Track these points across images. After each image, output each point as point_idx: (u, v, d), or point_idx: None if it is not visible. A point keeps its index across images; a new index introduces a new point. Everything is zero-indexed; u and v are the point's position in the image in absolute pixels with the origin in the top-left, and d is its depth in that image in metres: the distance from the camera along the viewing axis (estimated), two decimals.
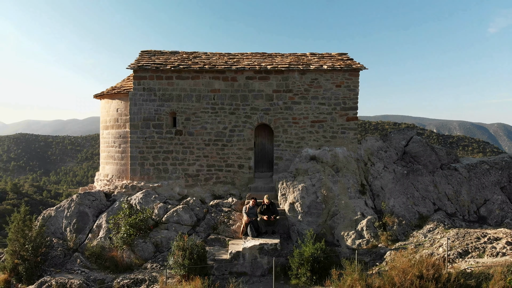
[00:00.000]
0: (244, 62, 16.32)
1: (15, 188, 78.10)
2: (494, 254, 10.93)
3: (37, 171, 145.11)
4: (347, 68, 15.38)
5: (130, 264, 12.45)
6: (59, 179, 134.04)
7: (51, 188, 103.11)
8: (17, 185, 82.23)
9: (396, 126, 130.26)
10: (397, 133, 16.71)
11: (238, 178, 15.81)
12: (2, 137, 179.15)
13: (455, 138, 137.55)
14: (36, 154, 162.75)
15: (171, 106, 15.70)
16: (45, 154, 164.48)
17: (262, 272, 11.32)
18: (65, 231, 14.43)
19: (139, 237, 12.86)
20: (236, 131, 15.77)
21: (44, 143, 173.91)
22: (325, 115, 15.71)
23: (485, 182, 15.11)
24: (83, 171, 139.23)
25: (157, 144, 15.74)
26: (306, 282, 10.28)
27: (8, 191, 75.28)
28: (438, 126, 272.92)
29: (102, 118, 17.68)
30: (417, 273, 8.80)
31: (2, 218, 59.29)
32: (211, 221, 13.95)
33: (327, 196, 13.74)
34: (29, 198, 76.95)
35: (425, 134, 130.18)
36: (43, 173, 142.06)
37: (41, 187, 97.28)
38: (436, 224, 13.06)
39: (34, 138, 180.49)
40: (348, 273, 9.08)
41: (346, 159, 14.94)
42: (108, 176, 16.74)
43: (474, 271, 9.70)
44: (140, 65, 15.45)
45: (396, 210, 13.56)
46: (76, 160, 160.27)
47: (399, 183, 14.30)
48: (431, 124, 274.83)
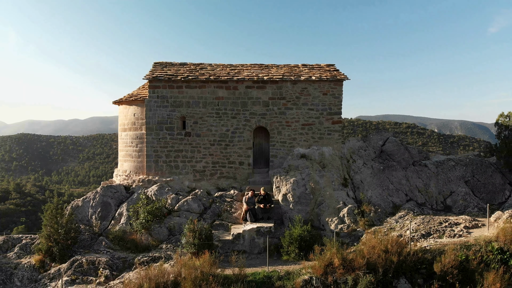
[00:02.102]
0: (244, 73, 17.69)
1: (18, 187, 76.71)
2: (452, 236, 12.35)
3: (39, 171, 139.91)
4: (332, 79, 16.76)
5: (148, 245, 13.83)
6: (61, 179, 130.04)
7: (53, 188, 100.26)
8: (20, 185, 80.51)
9: (397, 126, 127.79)
10: (375, 135, 18.09)
11: (239, 173, 17.18)
12: (4, 137, 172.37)
13: (456, 138, 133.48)
14: (38, 154, 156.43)
15: (181, 111, 17.09)
16: (47, 154, 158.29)
17: (258, 250, 12.71)
18: (91, 218, 15.80)
19: (155, 223, 14.24)
20: (237, 133, 17.15)
21: (46, 143, 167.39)
22: (313, 119, 17.08)
23: (451, 177, 16.49)
24: (84, 171, 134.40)
25: (169, 144, 17.12)
26: (295, 258, 11.66)
27: (11, 191, 73.98)
28: (439, 126, 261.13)
29: (120, 121, 19.05)
30: (383, 248, 10.20)
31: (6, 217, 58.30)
32: (216, 209, 15.33)
33: (314, 188, 15.12)
34: (32, 198, 75.37)
35: (426, 134, 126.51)
36: (45, 173, 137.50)
37: (43, 187, 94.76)
38: (406, 211, 14.46)
39: (36, 138, 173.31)
40: (328, 249, 10.45)
41: (331, 157, 16.32)
42: (126, 172, 18.13)
43: (432, 248, 11.12)
44: (155, 76, 16.84)
45: (373, 200, 14.95)
46: (77, 160, 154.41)
47: (376, 177, 15.70)
48: (432, 124, 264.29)
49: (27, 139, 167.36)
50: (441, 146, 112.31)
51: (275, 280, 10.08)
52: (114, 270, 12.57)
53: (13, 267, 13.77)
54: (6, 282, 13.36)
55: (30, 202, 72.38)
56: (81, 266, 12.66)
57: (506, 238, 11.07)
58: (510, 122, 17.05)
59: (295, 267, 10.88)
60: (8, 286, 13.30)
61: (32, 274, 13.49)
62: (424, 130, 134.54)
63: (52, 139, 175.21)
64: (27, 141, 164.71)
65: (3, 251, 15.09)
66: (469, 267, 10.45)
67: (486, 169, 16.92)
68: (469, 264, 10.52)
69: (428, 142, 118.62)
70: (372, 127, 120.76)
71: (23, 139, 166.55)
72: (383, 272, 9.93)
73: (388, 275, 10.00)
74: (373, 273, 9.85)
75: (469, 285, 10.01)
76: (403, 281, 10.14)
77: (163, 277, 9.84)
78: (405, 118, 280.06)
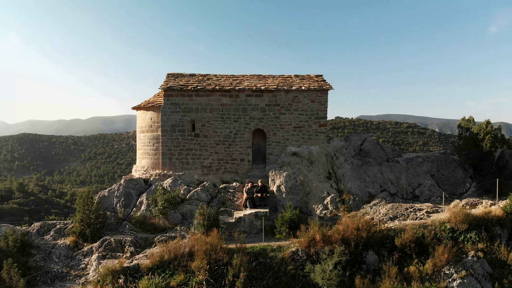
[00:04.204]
0: (245, 83, 19.40)
1: (21, 187, 73.82)
2: (414, 219, 14.06)
3: (41, 171, 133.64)
4: (319, 89, 18.47)
5: (164, 227, 15.55)
6: (63, 179, 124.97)
7: (56, 187, 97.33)
8: (23, 185, 77.48)
9: (397, 125, 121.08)
10: (355, 136, 19.81)
11: (240, 168, 18.90)
12: (6, 137, 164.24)
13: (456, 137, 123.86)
14: (40, 154, 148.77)
15: (191, 116, 18.81)
16: (49, 154, 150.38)
17: (256, 231, 14.45)
18: (115, 206, 17.51)
19: (170, 209, 15.95)
20: (239, 134, 18.86)
21: (48, 143, 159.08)
22: (303, 123, 18.79)
23: (419, 171, 18.23)
24: (86, 171, 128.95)
25: (181, 144, 18.84)
26: (286, 236, 13.37)
27: (14, 190, 71.05)
28: (440, 125, 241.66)
29: (138, 124, 20.77)
30: (355, 227, 11.94)
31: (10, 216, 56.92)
32: (221, 198, 17.05)
33: (303, 181, 16.84)
34: (35, 197, 72.88)
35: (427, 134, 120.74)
36: (47, 173, 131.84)
37: (46, 187, 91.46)
38: (380, 200, 16.18)
39: (38, 138, 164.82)
40: (311, 228, 12.17)
41: (318, 154, 18.04)
42: (144, 167, 19.86)
43: (396, 228, 12.83)
44: (169, 86, 18.56)
45: (352, 190, 16.68)
46: (79, 159, 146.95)
47: (355, 172, 17.43)
48: (434, 123, 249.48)
49: (29, 139, 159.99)
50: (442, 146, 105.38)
51: (269, 252, 11.82)
52: (138, 247, 14.28)
53: (50, 247, 15.36)
54: (46, 259, 14.96)
55: (33, 201, 69.81)
56: (110, 244, 14.31)
57: (456, 220, 12.78)
58: (469, 125, 18.78)
59: (285, 243, 12.59)
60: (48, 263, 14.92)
61: (67, 252, 15.07)
62: (425, 130, 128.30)
63: (54, 139, 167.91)
64: (29, 141, 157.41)
65: (40, 235, 16.70)
66: (424, 242, 12.18)
67: (450, 165, 18.64)
68: (425, 240, 12.25)
69: (429, 141, 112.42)
70: (373, 126, 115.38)
71: (25, 139, 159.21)
72: (354, 245, 11.66)
73: (358, 248, 11.73)
74: (347, 246, 11.58)
75: (423, 256, 11.75)
76: (371, 253, 11.86)
77: (180, 249, 11.58)
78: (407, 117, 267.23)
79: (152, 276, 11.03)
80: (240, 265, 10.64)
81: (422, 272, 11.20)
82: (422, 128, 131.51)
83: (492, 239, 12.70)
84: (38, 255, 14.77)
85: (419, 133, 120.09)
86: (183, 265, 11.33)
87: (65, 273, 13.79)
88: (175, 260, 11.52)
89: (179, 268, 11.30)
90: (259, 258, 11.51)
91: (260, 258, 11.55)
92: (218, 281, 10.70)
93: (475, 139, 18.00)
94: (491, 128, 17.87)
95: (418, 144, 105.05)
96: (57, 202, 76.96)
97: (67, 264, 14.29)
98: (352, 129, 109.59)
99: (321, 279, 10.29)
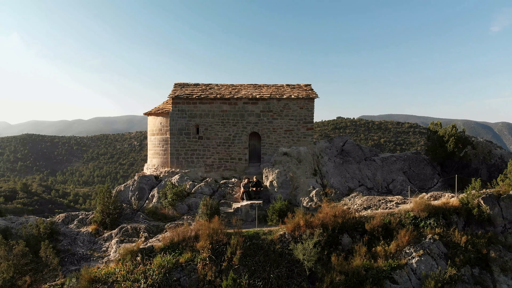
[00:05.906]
0: (242, 92, 21.02)
1: (25, 187, 71.79)
2: (385, 208, 15.66)
3: (43, 171, 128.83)
4: (306, 97, 20.11)
5: (173, 216, 17.11)
6: (65, 179, 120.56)
7: (59, 187, 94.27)
8: (27, 185, 75.26)
9: (399, 125, 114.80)
10: (338, 138, 21.45)
11: (238, 166, 20.51)
12: (9, 138, 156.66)
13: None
14: (42, 154, 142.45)
15: (195, 121, 20.42)
16: (51, 154, 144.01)
17: (251, 219, 16.06)
18: (130, 199, 19.09)
19: (178, 201, 17.54)
20: (237, 136, 20.47)
21: (50, 143, 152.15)
22: (293, 127, 20.41)
23: (392, 169, 19.86)
24: (89, 171, 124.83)
25: (187, 145, 20.46)
26: (276, 223, 14.94)
27: (18, 190, 68.99)
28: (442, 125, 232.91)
29: (149, 128, 22.38)
30: (333, 214, 13.56)
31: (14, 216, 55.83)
32: (222, 192, 18.65)
33: (293, 177, 18.45)
34: (39, 197, 70.77)
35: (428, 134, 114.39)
36: (49, 173, 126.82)
37: (49, 187, 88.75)
38: (358, 193, 17.79)
39: (40, 138, 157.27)
40: (297, 215, 13.77)
41: (305, 154, 19.67)
42: (155, 166, 21.47)
43: (368, 215, 14.44)
44: (176, 95, 20.18)
45: (334, 185, 18.30)
46: (82, 160, 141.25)
47: (337, 169, 19.06)
48: None
49: (31, 140, 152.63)
50: None
51: (261, 235, 13.44)
52: (151, 233, 15.81)
53: (75, 234, 16.87)
54: (72, 244, 16.45)
55: (37, 201, 67.46)
56: (127, 231, 15.83)
57: (418, 209, 14.39)
58: (437, 128, 20.43)
59: (275, 228, 14.19)
60: (73, 247, 16.46)
61: (90, 238, 16.56)
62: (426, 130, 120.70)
63: (56, 139, 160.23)
64: (32, 142, 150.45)
65: (65, 224, 18.21)
66: (390, 227, 13.80)
67: (420, 163, 20.29)
68: (391, 225, 13.87)
69: None
70: (374, 127, 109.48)
71: (27, 140, 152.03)
72: (332, 229, 13.28)
73: (335, 231, 13.35)
74: (325, 230, 13.20)
75: (389, 238, 13.38)
76: (346, 236, 13.48)
77: (187, 233, 13.19)
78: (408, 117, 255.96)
79: (164, 255, 12.64)
80: (237, 245, 12.27)
81: (387, 251, 12.82)
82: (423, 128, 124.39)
83: (449, 225, 14.24)
84: (65, 241, 16.25)
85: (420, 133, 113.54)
86: (190, 245, 12.94)
87: (89, 255, 15.35)
88: (183, 241, 13.13)
89: (186, 248, 12.90)
90: (253, 240, 13.12)
91: (253, 239, 13.16)
92: (219, 258, 12.33)
93: (441, 140, 19.63)
94: (455, 131, 19.51)
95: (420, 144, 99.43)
96: (60, 202, 74.61)
97: (90, 248, 15.80)
98: (354, 129, 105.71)
99: (302, 255, 11.92)
